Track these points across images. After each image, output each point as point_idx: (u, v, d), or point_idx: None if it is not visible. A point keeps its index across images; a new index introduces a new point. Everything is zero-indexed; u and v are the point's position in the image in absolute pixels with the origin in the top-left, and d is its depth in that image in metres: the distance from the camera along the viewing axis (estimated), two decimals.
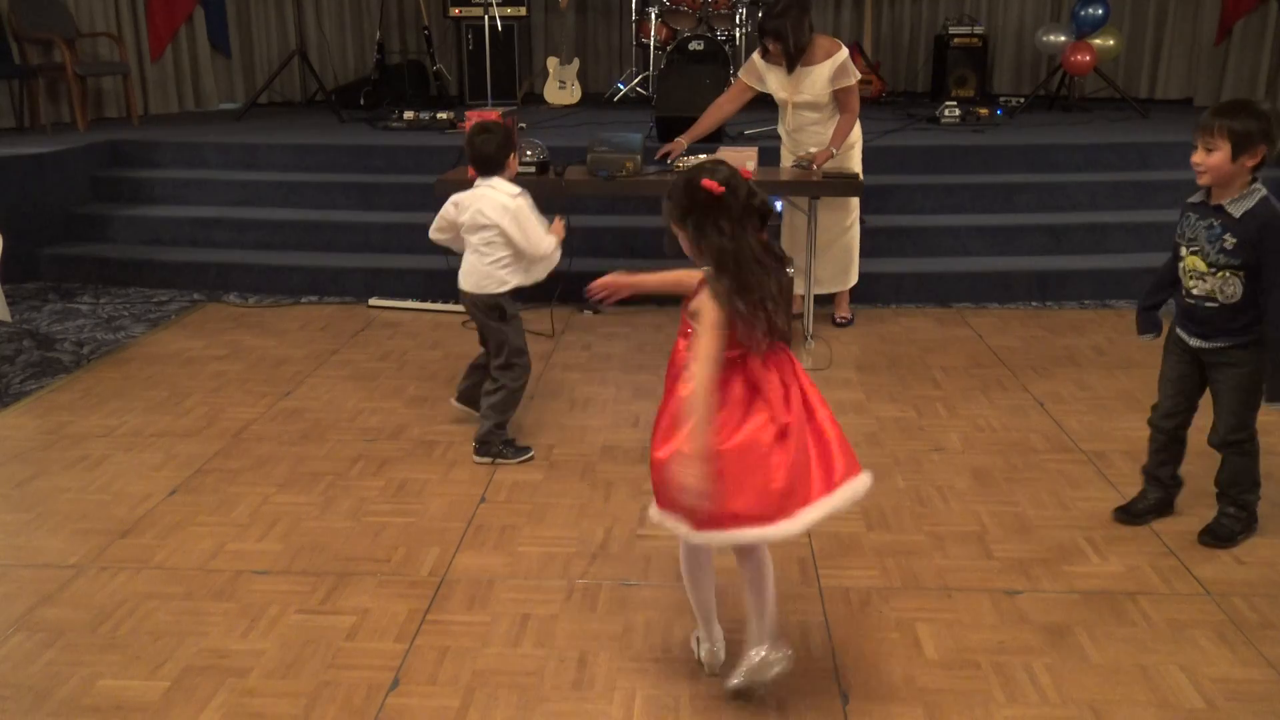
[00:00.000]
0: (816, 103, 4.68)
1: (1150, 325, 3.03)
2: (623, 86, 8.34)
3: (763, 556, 2.31)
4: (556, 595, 2.76)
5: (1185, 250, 2.86)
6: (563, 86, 8.18)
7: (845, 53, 4.62)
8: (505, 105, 7.57)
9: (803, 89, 4.66)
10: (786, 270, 2.38)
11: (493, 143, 3.45)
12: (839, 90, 4.62)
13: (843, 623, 2.62)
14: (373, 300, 5.47)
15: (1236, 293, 2.76)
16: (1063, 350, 4.66)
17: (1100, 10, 7.43)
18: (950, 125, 7.05)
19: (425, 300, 5.38)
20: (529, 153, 4.70)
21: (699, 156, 4.53)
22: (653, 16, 8.01)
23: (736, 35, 8.00)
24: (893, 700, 2.33)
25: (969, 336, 4.88)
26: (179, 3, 8.14)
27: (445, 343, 4.81)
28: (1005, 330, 4.96)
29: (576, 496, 3.32)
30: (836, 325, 5.03)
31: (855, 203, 4.90)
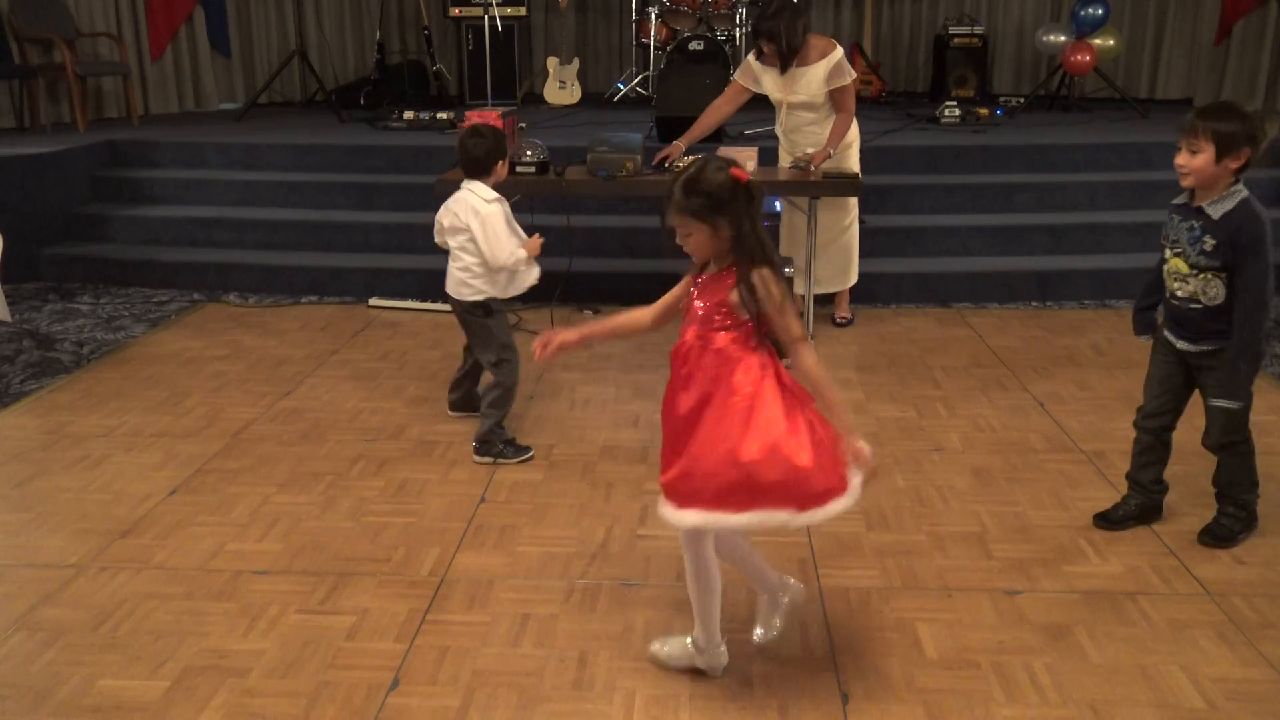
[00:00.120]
0: (812, 103, 4.68)
1: (1146, 325, 3.02)
2: (623, 86, 8.34)
3: (693, 555, 2.30)
4: (556, 595, 2.76)
5: (1169, 252, 2.84)
6: (563, 86, 8.18)
7: (840, 52, 4.62)
8: (505, 105, 7.56)
9: (797, 89, 4.66)
10: (785, 270, 2.42)
11: (482, 147, 3.48)
12: (834, 90, 4.62)
13: (843, 623, 2.62)
14: (373, 300, 5.47)
15: (1219, 295, 2.74)
16: (1063, 350, 4.66)
17: (1100, 10, 7.43)
18: (950, 125, 7.05)
19: (425, 300, 5.37)
20: (529, 153, 4.69)
21: (698, 158, 4.52)
22: (653, 16, 8.01)
23: (736, 35, 8.00)
24: (893, 700, 2.33)
25: (969, 336, 4.88)
26: (179, 3, 8.14)
27: (445, 343, 4.80)
28: (1005, 330, 4.96)
29: (576, 496, 3.32)
30: (836, 325, 5.03)
31: (854, 202, 4.90)
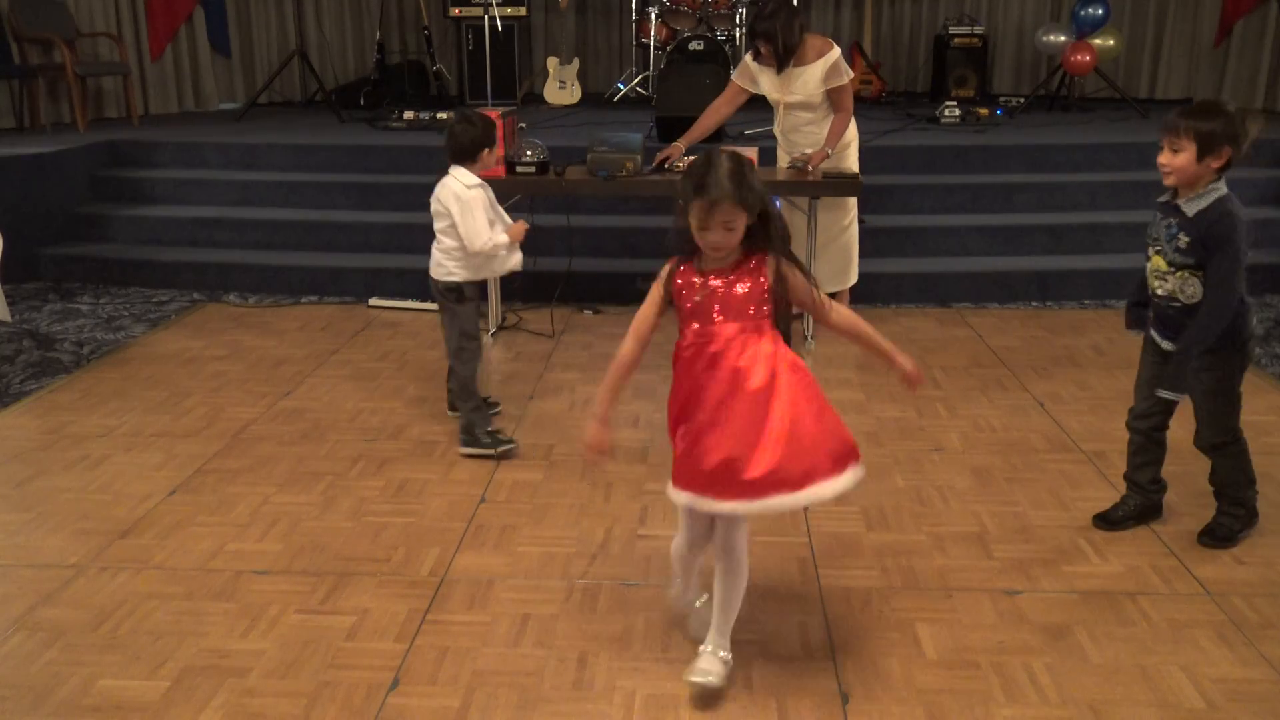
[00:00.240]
0: (809, 103, 4.68)
1: (1137, 321, 3.02)
2: (623, 86, 8.34)
3: (741, 550, 2.31)
4: (556, 595, 2.76)
5: (1151, 250, 2.84)
6: (563, 86, 8.18)
7: (837, 52, 4.62)
8: (505, 105, 7.57)
9: (795, 89, 4.66)
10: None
11: (469, 134, 3.51)
12: (832, 90, 4.62)
13: (843, 623, 2.62)
14: (373, 300, 5.47)
15: (1196, 293, 2.73)
16: (1063, 350, 4.66)
17: (1100, 10, 7.44)
18: (950, 125, 7.05)
19: (425, 300, 5.36)
20: (529, 153, 4.70)
21: (701, 154, 4.52)
22: (653, 16, 8.02)
23: (736, 35, 8.00)
24: (893, 700, 2.33)
25: (969, 336, 4.88)
26: (179, 3, 8.14)
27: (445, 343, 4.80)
28: (1005, 330, 4.96)
29: (576, 496, 3.32)
30: None
31: (853, 202, 4.90)
